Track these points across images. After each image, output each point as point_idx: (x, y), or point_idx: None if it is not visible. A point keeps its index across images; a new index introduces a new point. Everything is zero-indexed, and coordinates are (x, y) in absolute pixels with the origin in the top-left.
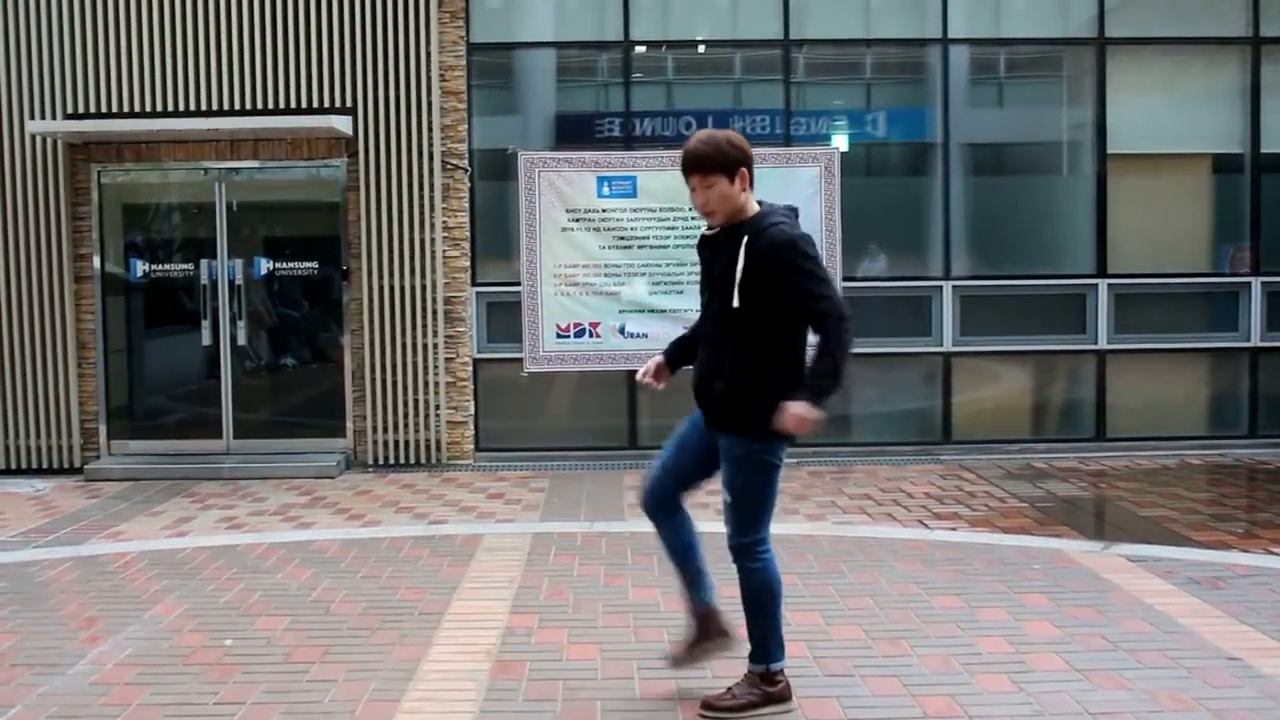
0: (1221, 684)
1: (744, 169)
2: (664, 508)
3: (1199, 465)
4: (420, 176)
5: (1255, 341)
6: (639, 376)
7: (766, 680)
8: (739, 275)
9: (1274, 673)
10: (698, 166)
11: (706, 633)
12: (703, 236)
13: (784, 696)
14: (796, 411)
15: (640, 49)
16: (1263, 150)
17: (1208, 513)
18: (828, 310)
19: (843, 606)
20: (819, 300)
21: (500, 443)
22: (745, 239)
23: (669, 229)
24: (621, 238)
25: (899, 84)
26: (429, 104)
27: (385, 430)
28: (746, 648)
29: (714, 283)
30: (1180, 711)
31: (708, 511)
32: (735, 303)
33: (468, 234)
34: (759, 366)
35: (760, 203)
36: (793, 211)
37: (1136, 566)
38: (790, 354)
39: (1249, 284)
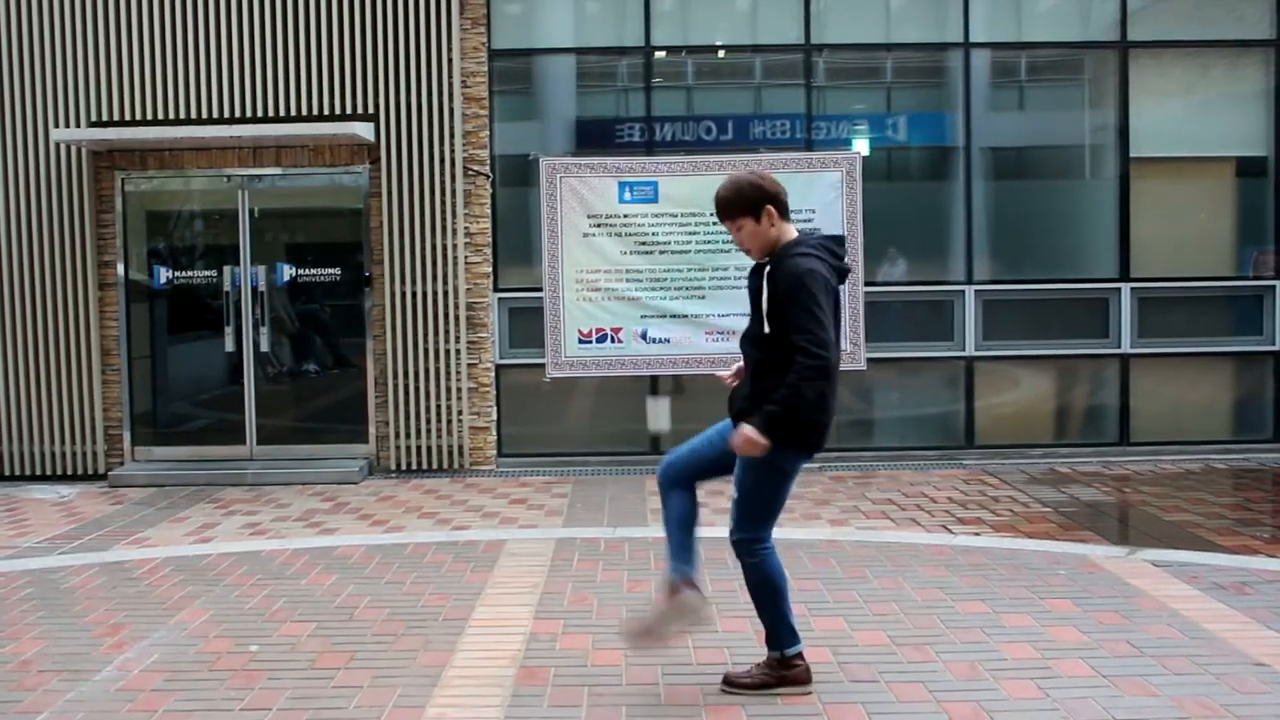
0: (1248, 690)
1: (769, 206)
2: (677, 482)
3: (1223, 470)
4: (442, 182)
5: (1279, 345)
6: (726, 378)
7: (782, 664)
8: (765, 304)
9: None
10: (723, 213)
11: (674, 601)
12: (754, 264)
13: (800, 679)
14: (745, 434)
15: (661, 54)
16: None
17: (1233, 517)
18: (804, 346)
19: (867, 612)
20: (800, 334)
21: (523, 448)
22: (769, 269)
23: (690, 234)
24: (643, 243)
25: (920, 88)
26: (451, 110)
27: (408, 436)
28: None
29: (752, 308)
30: (1207, 718)
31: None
32: (765, 328)
33: (489, 240)
34: (778, 387)
35: (800, 233)
36: (835, 240)
37: (1161, 571)
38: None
39: (1273, 287)
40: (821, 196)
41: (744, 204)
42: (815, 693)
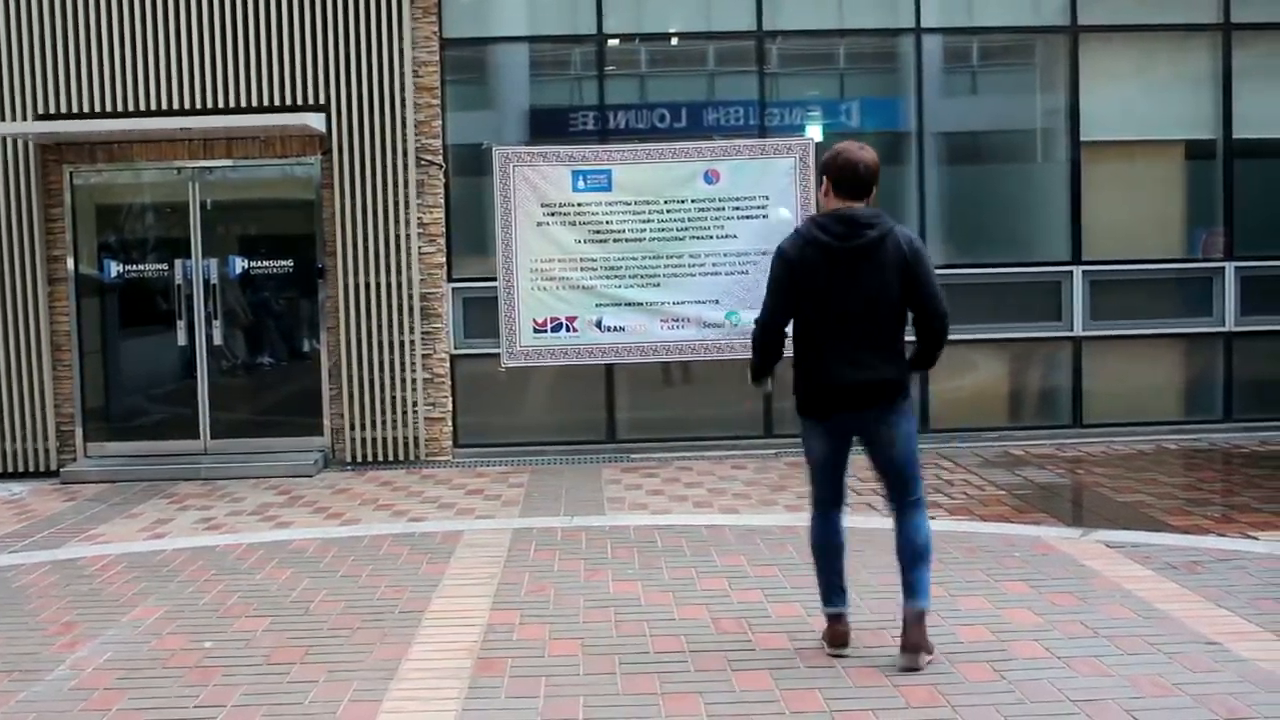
0: (1201, 668)
1: (823, 175)
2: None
3: (1175, 450)
4: (395, 173)
5: (1229, 326)
6: None
7: (827, 620)
8: None
9: (1252, 656)
10: None
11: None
12: None
13: (829, 638)
14: None
15: (614, 42)
16: (1235, 136)
17: (1184, 497)
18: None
19: None
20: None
21: (479, 438)
22: None
23: (644, 222)
24: (597, 231)
25: (873, 74)
26: (403, 100)
27: (363, 428)
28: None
29: None
30: (1160, 697)
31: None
32: None
33: (443, 230)
34: (796, 356)
35: (829, 212)
36: (837, 218)
37: (1115, 552)
38: (807, 348)
39: (1223, 269)
40: (776, 183)
41: (817, 170)
42: (772, 678)
